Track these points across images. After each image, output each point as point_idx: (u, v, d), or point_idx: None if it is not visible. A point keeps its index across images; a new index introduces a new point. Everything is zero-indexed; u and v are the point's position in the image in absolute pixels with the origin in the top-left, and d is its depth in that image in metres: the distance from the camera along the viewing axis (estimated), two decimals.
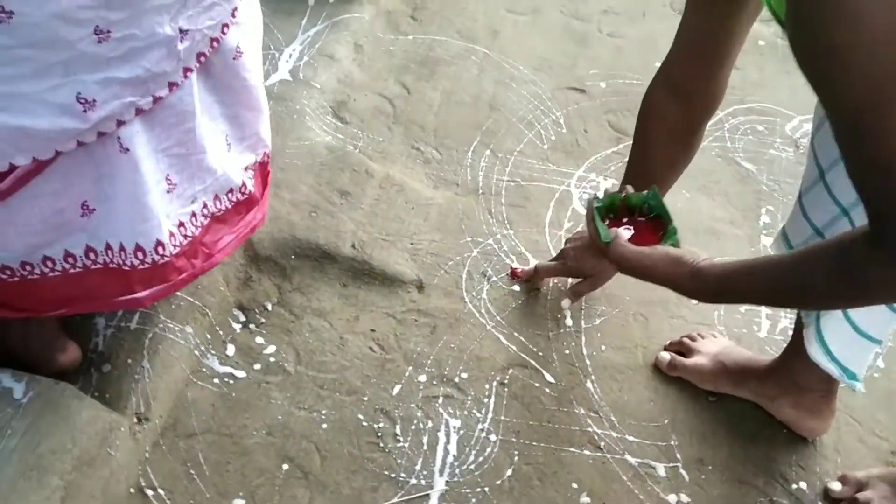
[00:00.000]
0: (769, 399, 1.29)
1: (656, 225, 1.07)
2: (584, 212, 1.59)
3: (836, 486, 1.24)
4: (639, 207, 1.09)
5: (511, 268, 1.48)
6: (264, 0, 1.89)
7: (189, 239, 1.11)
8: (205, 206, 1.13)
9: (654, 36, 2.06)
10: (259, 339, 1.32)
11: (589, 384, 1.33)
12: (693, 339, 1.38)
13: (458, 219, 1.55)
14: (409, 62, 1.89)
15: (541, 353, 1.37)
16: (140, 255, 1.04)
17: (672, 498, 1.21)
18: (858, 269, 0.77)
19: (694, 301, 1.46)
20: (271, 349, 1.31)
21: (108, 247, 1.03)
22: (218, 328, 1.32)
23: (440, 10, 2.06)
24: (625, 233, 1.04)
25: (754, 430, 1.29)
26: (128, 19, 0.84)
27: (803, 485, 1.24)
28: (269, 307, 1.37)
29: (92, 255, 1.03)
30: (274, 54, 1.76)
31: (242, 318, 1.35)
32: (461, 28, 2.01)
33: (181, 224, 1.09)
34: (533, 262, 1.48)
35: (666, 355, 1.35)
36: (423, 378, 1.31)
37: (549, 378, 1.33)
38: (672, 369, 1.34)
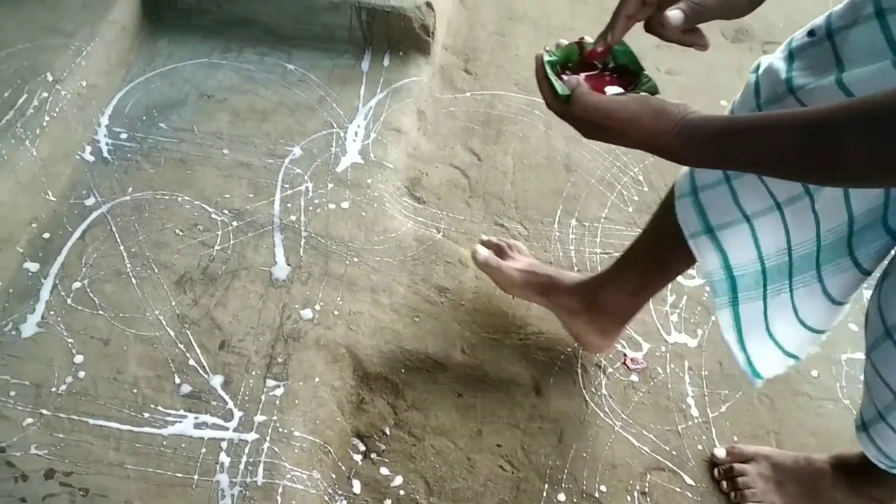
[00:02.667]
0: (568, 313, 1.32)
1: (625, 79, 0.85)
2: (686, 283, 1.53)
3: (720, 452, 1.29)
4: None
5: (623, 355, 1.41)
6: (314, 68, 1.79)
7: None
8: None
9: (713, 68, 1.98)
10: (384, 470, 1.24)
11: None
12: (511, 248, 1.42)
13: None
14: (473, 123, 1.79)
15: (674, 453, 1.30)
16: None
17: None
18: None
19: (815, 372, 1.41)
20: (398, 480, 1.24)
21: None
22: (340, 463, 1.24)
23: (492, 58, 1.96)
24: (586, 82, 0.82)
25: None
26: None
27: None
28: (388, 431, 1.29)
29: None
30: (338, 133, 1.65)
31: (362, 448, 1.27)
32: (517, 78, 1.91)
33: None
34: (645, 346, 1.42)
35: (484, 251, 1.39)
36: (562, 497, 1.24)
37: (688, 480, 1.27)
38: (485, 266, 1.38)
